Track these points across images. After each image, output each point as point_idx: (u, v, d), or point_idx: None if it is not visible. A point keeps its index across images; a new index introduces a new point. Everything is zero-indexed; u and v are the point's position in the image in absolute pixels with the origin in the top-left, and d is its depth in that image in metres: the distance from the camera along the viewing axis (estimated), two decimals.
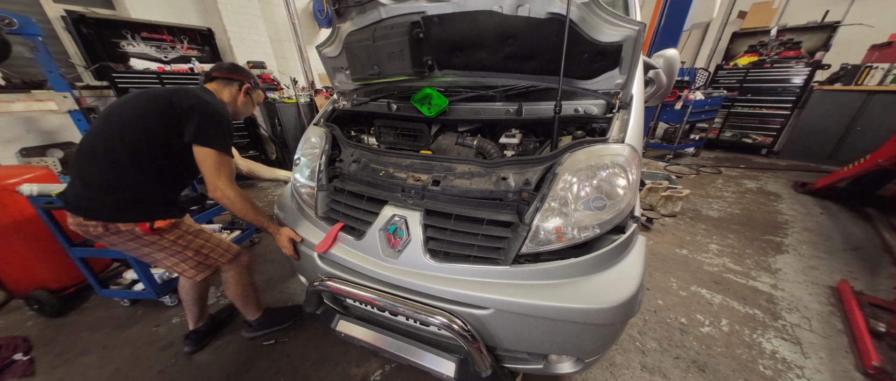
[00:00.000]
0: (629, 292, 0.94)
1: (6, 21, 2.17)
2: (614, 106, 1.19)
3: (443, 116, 1.39)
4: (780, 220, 3.18)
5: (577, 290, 0.95)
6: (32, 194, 1.63)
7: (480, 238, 1.04)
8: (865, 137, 4.30)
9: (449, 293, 1.01)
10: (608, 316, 0.93)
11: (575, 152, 1.02)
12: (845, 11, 4.81)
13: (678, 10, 3.09)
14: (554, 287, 0.97)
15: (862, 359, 1.59)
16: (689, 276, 2.29)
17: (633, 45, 1.09)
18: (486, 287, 0.99)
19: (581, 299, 0.93)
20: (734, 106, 5.54)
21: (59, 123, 3.32)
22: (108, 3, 3.70)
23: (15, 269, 1.96)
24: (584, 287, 0.96)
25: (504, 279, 1.00)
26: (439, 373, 1.14)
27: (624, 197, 0.98)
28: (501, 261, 1.01)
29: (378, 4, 1.44)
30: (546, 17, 1.19)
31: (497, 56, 1.39)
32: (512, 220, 1.02)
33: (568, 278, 0.98)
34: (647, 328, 1.82)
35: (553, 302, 0.93)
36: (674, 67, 1.64)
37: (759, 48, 5.38)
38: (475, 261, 1.03)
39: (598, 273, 0.99)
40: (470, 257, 1.04)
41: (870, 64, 4.30)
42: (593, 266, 0.99)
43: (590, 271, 0.99)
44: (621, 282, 0.97)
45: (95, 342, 1.79)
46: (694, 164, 5.05)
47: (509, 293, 0.97)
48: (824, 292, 2.14)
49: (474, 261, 1.03)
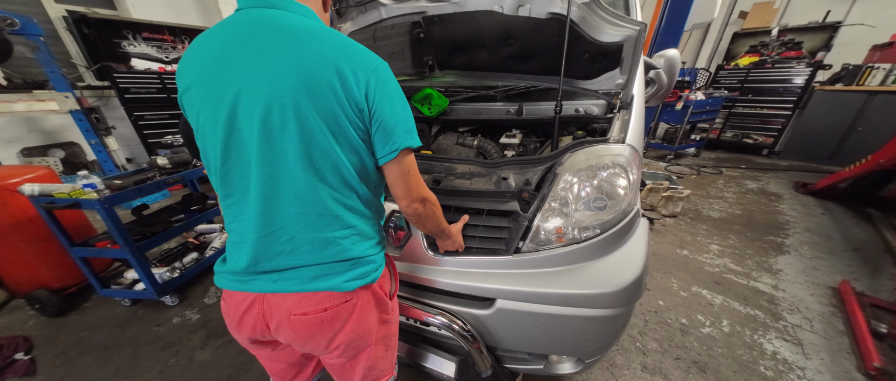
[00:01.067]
0: (633, 275, 0.94)
1: (8, 21, 2.18)
2: (615, 106, 1.19)
3: (443, 116, 1.39)
4: (782, 220, 3.18)
5: (581, 275, 0.95)
6: (34, 194, 1.64)
7: (481, 229, 1.04)
8: (867, 137, 4.29)
9: (451, 286, 1.01)
10: (613, 300, 0.93)
11: (575, 153, 1.02)
12: (846, 12, 4.80)
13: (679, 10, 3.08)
14: (557, 274, 0.97)
15: (863, 360, 1.59)
16: (689, 276, 2.29)
17: (634, 45, 1.10)
18: (488, 278, 1.00)
19: (585, 285, 0.93)
20: (735, 106, 5.54)
21: (61, 123, 3.33)
22: (110, 4, 3.71)
23: (16, 269, 1.97)
24: (589, 272, 0.96)
25: (506, 269, 1.00)
26: (440, 373, 1.14)
27: (625, 197, 0.98)
28: (503, 251, 1.01)
29: (379, 4, 1.44)
30: (547, 17, 1.19)
31: (497, 56, 1.40)
32: (512, 209, 1.01)
33: (571, 264, 0.98)
34: (648, 329, 1.82)
35: (556, 289, 0.93)
36: (675, 67, 1.63)
37: (761, 48, 5.37)
38: (477, 252, 1.03)
39: (600, 258, 0.99)
40: (471, 249, 1.04)
41: (871, 64, 4.28)
42: (596, 251, 0.98)
43: (592, 256, 0.99)
44: (625, 264, 0.97)
45: (96, 342, 1.80)
46: (695, 164, 5.04)
47: (512, 283, 0.97)
48: (826, 292, 2.13)
49: (476, 252, 1.03)
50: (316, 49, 0.59)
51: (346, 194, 0.70)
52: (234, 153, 0.64)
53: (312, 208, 0.67)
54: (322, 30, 0.63)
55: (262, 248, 0.68)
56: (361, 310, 0.75)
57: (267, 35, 0.60)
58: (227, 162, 0.66)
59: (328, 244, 0.70)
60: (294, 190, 0.65)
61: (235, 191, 0.68)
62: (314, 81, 0.59)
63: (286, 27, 0.60)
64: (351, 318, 0.74)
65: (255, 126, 0.60)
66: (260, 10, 0.63)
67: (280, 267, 0.69)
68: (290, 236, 0.68)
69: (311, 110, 0.60)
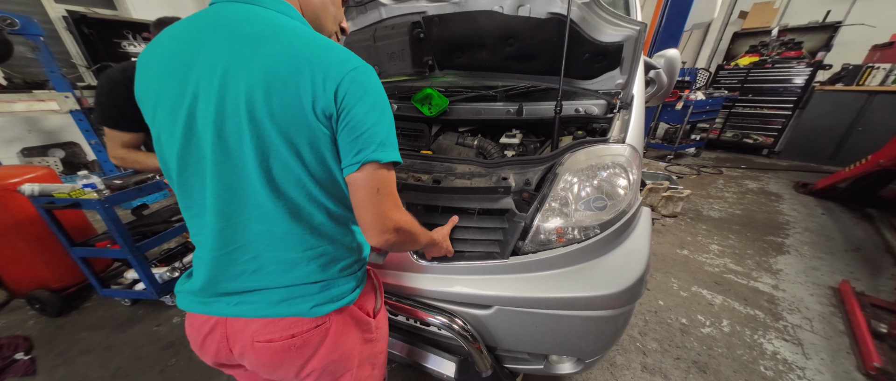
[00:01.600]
0: (636, 274, 0.92)
1: (8, 21, 2.18)
2: (615, 106, 1.19)
3: (443, 116, 1.39)
4: (782, 220, 3.18)
5: (582, 277, 0.93)
6: (34, 194, 1.64)
7: (473, 231, 1.00)
8: (867, 137, 4.29)
9: (442, 294, 0.98)
10: (615, 301, 0.91)
11: (575, 152, 1.02)
12: (847, 12, 4.80)
13: (679, 10, 3.08)
14: (556, 277, 0.94)
15: (863, 360, 1.59)
16: (689, 276, 2.29)
17: (634, 45, 1.10)
18: (483, 284, 0.96)
19: (586, 287, 0.91)
20: (735, 106, 5.54)
21: (61, 123, 3.33)
22: (110, 4, 3.71)
23: (16, 268, 1.96)
24: (590, 272, 0.94)
25: (502, 274, 0.97)
26: (440, 373, 1.14)
27: (625, 197, 0.98)
28: (498, 255, 0.97)
29: (379, 4, 1.44)
30: (547, 17, 1.19)
31: (497, 56, 1.40)
32: (507, 208, 0.97)
33: (570, 265, 0.96)
34: (648, 329, 1.82)
35: (555, 293, 0.91)
36: (675, 67, 1.63)
37: (761, 48, 5.37)
38: (470, 257, 0.99)
39: (601, 256, 0.97)
40: (464, 253, 0.99)
41: (871, 64, 4.29)
42: (597, 250, 0.96)
43: (593, 255, 0.96)
44: (627, 263, 0.95)
45: (96, 342, 1.80)
46: (695, 164, 5.04)
47: (509, 288, 0.94)
48: (826, 292, 2.13)
49: (469, 257, 0.99)
50: (282, 49, 0.52)
51: (315, 212, 0.62)
52: (192, 163, 0.57)
53: (277, 225, 0.59)
54: (295, 28, 0.55)
55: (221, 268, 0.61)
56: (337, 333, 0.68)
57: (231, 32, 0.53)
58: (185, 171, 0.59)
59: (295, 265, 0.62)
60: (257, 205, 0.58)
61: (195, 203, 0.61)
62: (274, 85, 0.51)
63: (255, 24, 0.54)
64: (324, 343, 0.66)
65: (210, 134, 0.53)
66: (233, 4, 0.56)
67: (242, 289, 0.63)
68: (254, 255, 0.61)
69: (267, 118, 0.52)
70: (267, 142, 0.54)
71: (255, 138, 0.53)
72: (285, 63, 0.51)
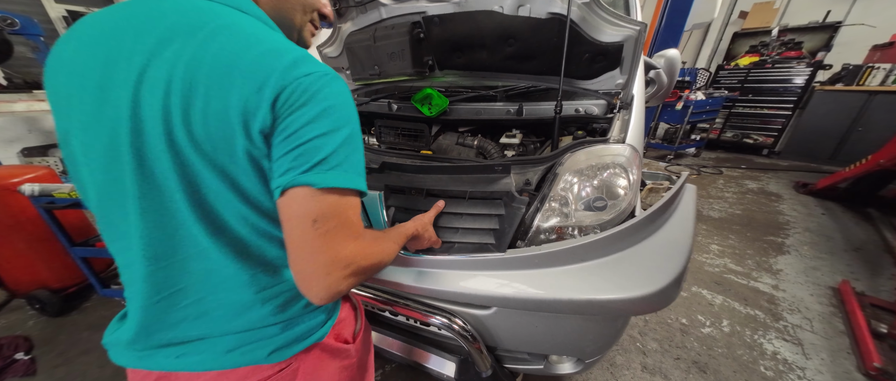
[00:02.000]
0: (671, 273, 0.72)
1: (8, 21, 2.18)
2: (615, 106, 1.20)
3: (443, 116, 1.39)
4: (782, 220, 3.18)
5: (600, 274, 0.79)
6: (34, 194, 1.64)
7: (466, 219, 0.89)
8: (867, 137, 4.29)
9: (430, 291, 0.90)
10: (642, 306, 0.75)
11: (575, 152, 1.02)
12: (847, 12, 4.80)
13: (679, 10, 3.08)
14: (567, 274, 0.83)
15: (863, 360, 1.59)
16: (689, 276, 2.29)
17: (634, 45, 1.10)
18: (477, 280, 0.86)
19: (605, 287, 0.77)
20: (735, 106, 5.53)
21: None
22: (109, 4, 3.71)
23: (16, 268, 1.96)
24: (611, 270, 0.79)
25: (499, 270, 0.86)
26: (439, 373, 1.14)
27: (625, 197, 0.98)
28: (494, 246, 0.88)
29: (379, 4, 1.44)
30: (547, 17, 1.19)
31: (498, 56, 1.40)
32: (505, 190, 0.87)
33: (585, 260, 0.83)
34: (648, 329, 1.82)
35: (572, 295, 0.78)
36: (675, 67, 1.64)
37: (761, 48, 5.37)
38: (460, 249, 0.89)
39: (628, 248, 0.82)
40: (453, 245, 0.89)
41: (871, 64, 4.29)
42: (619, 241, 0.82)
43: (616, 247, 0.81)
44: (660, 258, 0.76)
45: (96, 342, 1.80)
46: (695, 164, 5.04)
47: (506, 288, 0.83)
48: (826, 292, 2.13)
49: (459, 250, 0.89)
50: (216, 49, 0.40)
51: (267, 246, 0.51)
52: (114, 191, 0.45)
53: (221, 264, 0.48)
54: (238, 25, 0.43)
55: (155, 317, 0.50)
56: (307, 373, 0.58)
57: (158, 30, 0.41)
58: (107, 201, 0.47)
59: (248, 308, 0.52)
60: (194, 244, 0.47)
61: (119, 238, 0.49)
62: (192, 101, 0.40)
63: (186, 15, 0.42)
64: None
65: (128, 158, 0.42)
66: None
67: (184, 338, 0.51)
68: (197, 298, 0.50)
69: (186, 142, 0.41)
70: (191, 171, 0.43)
71: (177, 166, 0.42)
72: (211, 71, 0.40)
